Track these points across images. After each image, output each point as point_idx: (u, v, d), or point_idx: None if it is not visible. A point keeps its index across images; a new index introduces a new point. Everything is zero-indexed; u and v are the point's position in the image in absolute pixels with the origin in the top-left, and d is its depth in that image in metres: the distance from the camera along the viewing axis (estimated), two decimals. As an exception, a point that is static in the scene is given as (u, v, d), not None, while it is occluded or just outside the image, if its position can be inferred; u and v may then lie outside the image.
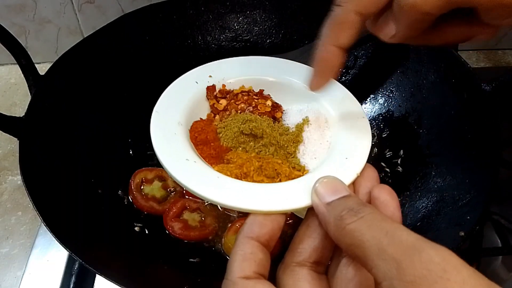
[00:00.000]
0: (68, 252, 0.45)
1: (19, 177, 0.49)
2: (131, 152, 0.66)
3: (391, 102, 0.69)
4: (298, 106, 0.48)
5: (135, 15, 0.68)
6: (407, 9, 0.32)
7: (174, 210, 0.60)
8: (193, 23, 0.71)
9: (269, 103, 0.47)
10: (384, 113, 0.70)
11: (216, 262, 0.56)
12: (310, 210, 0.35)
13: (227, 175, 0.39)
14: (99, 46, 0.65)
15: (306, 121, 0.46)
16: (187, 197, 0.63)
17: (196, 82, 0.48)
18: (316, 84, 0.39)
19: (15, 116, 0.55)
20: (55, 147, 0.56)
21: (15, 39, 0.58)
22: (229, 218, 0.61)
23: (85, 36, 0.65)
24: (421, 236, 0.27)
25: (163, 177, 0.63)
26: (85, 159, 0.59)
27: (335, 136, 0.43)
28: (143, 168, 0.63)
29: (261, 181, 0.39)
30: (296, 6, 0.73)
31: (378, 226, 0.28)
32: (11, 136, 0.54)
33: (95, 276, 0.58)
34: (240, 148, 0.43)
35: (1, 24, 0.57)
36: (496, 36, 0.44)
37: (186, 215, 0.60)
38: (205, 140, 0.42)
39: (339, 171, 0.38)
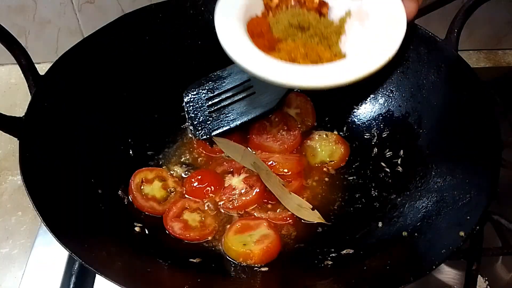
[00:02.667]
0: (68, 252, 0.45)
1: (19, 177, 0.49)
2: (131, 152, 0.66)
3: (391, 102, 0.69)
4: (342, 1, 0.50)
5: (135, 15, 0.68)
6: None
7: (174, 210, 0.60)
8: (193, 23, 0.71)
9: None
10: (384, 113, 0.70)
11: (216, 262, 0.56)
12: None
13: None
14: (99, 46, 0.65)
15: (348, 14, 0.49)
16: (187, 197, 0.63)
17: None
18: None
19: (15, 116, 0.55)
20: (55, 147, 0.56)
21: (15, 39, 0.59)
22: (229, 218, 0.61)
23: (85, 36, 0.65)
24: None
25: (163, 177, 0.64)
26: (85, 159, 0.59)
27: (373, 27, 0.47)
28: (143, 168, 0.63)
29: (306, 64, 0.45)
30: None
31: None
32: (11, 136, 0.54)
33: (95, 276, 0.58)
34: (290, 39, 0.48)
35: (2, 24, 0.57)
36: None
37: (186, 215, 0.60)
38: (260, 33, 0.48)
39: (375, 55, 0.44)
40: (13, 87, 0.88)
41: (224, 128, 0.66)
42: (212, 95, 0.68)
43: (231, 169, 0.65)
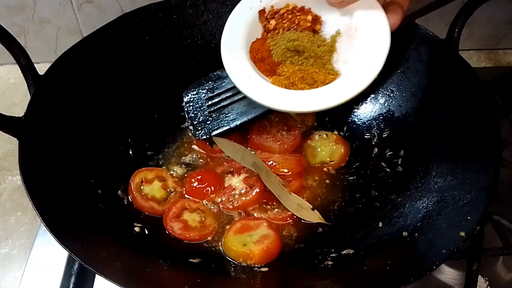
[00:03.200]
0: (67, 252, 0.45)
1: (19, 177, 0.49)
2: (131, 152, 0.66)
3: (391, 102, 0.69)
4: (333, 17, 0.56)
5: (134, 14, 0.68)
6: None
7: (174, 210, 0.60)
8: (193, 22, 0.71)
9: (309, 18, 0.56)
10: (385, 113, 0.70)
11: (216, 262, 0.56)
12: None
13: (279, 86, 0.54)
14: (99, 46, 0.65)
15: (338, 33, 0.55)
16: (187, 197, 0.63)
17: (250, 8, 0.57)
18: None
19: (14, 116, 0.55)
20: (55, 147, 0.56)
21: (15, 39, 0.59)
22: (229, 218, 0.61)
23: (84, 36, 0.65)
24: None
25: (163, 177, 0.63)
26: (84, 159, 0.59)
27: (361, 43, 0.52)
28: (143, 168, 0.63)
29: (303, 88, 0.53)
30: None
31: None
32: (10, 136, 0.54)
33: (94, 276, 0.58)
34: (288, 61, 0.56)
35: (1, 24, 0.57)
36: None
37: (186, 215, 0.60)
38: (261, 58, 0.56)
39: (363, 73, 0.50)
40: (12, 87, 0.88)
41: (224, 128, 0.66)
42: (212, 95, 0.67)
43: (231, 169, 0.65)
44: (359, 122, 0.72)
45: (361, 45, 0.52)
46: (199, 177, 0.63)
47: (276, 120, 0.69)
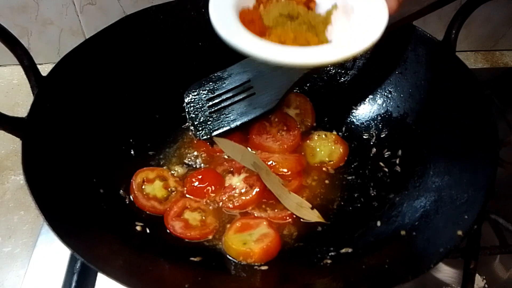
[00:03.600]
0: (70, 251, 0.45)
1: (22, 176, 0.49)
2: (132, 152, 0.67)
3: (389, 102, 0.70)
4: None
5: (136, 16, 0.68)
6: None
7: (175, 210, 0.60)
8: (194, 24, 0.72)
9: None
10: (383, 113, 0.70)
11: (216, 260, 0.56)
12: None
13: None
14: (101, 47, 0.66)
15: (334, 7, 0.52)
16: (188, 196, 0.63)
17: None
18: None
19: (17, 117, 0.55)
20: (57, 147, 0.57)
21: (18, 40, 0.59)
22: (229, 218, 0.61)
23: (87, 37, 0.66)
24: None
25: (164, 177, 0.64)
26: (87, 159, 0.60)
27: (357, 20, 0.49)
28: (145, 168, 0.64)
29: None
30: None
31: None
32: (13, 136, 0.54)
33: (96, 274, 0.59)
34: (279, 27, 0.51)
35: (4, 25, 0.58)
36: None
37: (187, 215, 0.60)
38: (251, 20, 0.50)
39: (356, 41, 0.46)
40: (15, 88, 0.89)
41: (225, 128, 0.66)
42: (212, 95, 0.68)
43: (232, 169, 0.66)
44: (357, 123, 0.72)
45: (358, 21, 0.49)
46: (200, 176, 0.64)
47: (276, 120, 0.70)
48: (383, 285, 0.46)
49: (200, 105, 0.69)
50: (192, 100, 0.69)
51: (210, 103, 0.68)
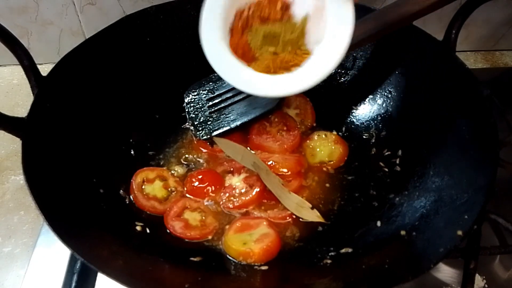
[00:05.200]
0: (70, 251, 0.45)
1: (22, 176, 0.49)
2: (132, 152, 0.67)
3: (389, 102, 0.70)
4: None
5: (136, 16, 0.68)
6: None
7: (175, 210, 0.60)
8: (194, 24, 0.71)
9: (278, 6, 0.54)
10: (383, 113, 0.70)
11: (216, 261, 0.56)
12: None
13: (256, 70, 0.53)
14: (101, 47, 0.66)
15: (307, 16, 0.54)
16: (188, 196, 0.63)
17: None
18: None
19: (17, 117, 0.55)
20: (57, 147, 0.57)
21: (18, 40, 0.59)
22: (229, 218, 0.61)
23: (87, 38, 0.66)
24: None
25: (164, 177, 0.64)
26: (87, 159, 0.60)
27: (328, 22, 0.52)
28: (145, 168, 0.64)
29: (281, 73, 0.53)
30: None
31: None
32: (13, 136, 0.54)
33: (96, 275, 0.59)
34: (264, 50, 0.54)
35: (4, 25, 0.58)
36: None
37: (187, 215, 0.60)
38: (243, 53, 0.54)
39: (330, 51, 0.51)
40: (15, 88, 0.89)
41: (225, 128, 0.66)
42: (212, 95, 0.68)
43: (231, 169, 0.66)
44: (357, 123, 0.72)
45: (328, 24, 0.51)
46: (200, 176, 0.64)
47: (276, 121, 0.70)
48: (383, 285, 0.46)
49: (200, 105, 0.69)
50: (192, 100, 0.69)
51: (210, 103, 0.68)
